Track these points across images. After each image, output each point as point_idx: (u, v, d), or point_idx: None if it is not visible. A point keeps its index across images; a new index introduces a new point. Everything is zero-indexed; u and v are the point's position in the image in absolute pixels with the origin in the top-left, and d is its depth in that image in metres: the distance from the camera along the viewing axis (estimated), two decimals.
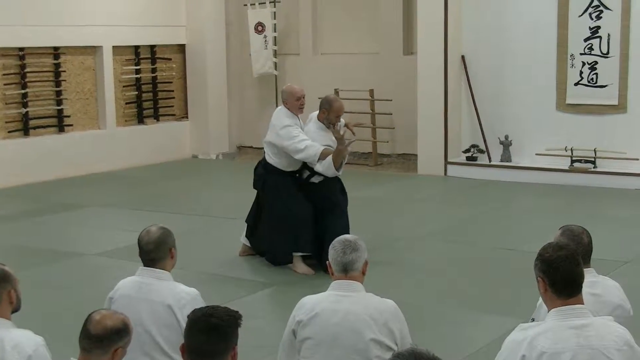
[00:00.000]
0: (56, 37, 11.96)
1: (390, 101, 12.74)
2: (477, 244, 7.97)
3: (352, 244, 3.59)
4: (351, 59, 13.44)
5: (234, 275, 7.03)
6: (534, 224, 8.66)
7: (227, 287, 6.71)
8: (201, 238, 8.34)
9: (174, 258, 3.85)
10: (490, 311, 6.02)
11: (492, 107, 11.61)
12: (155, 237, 3.80)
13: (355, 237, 3.65)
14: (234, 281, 6.88)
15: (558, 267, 3.03)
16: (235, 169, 13.22)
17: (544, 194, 10.32)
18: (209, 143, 13.90)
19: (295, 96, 6.91)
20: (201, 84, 13.82)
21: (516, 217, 9.16)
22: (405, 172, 12.26)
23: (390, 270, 7.02)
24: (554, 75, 11.15)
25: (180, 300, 3.71)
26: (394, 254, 7.55)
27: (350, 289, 3.57)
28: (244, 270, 7.21)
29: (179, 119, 14.00)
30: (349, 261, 3.56)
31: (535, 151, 11.18)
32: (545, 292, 3.08)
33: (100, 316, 2.92)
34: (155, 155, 13.25)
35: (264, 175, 7.17)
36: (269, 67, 13.76)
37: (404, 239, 8.16)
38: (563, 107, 11.16)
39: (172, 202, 10.19)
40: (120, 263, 7.22)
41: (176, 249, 3.87)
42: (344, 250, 3.57)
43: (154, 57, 13.48)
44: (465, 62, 11.78)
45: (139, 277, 3.83)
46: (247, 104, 14.61)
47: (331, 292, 3.60)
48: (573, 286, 3.03)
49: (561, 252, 3.07)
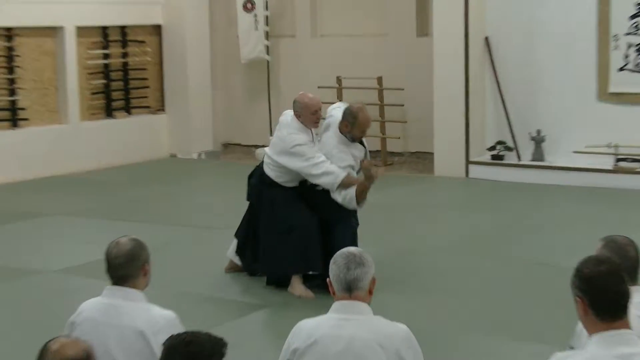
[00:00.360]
0: (8, 16, 11.96)
1: (401, 90, 12.74)
2: (504, 258, 7.95)
3: (357, 258, 3.57)
4: (356, 41, 13.45)
5: (219, 296, 7.02)
6: (571, 234, 8.64)
7: (210, 309, 6.70)
8: (181, 252, 8.33)
9: (147, 275, 3.84)
10: (520, 338, 6.00)
11: (522, 96, 11.61)
12: (125, 250, 3.78)
13: (360, 250, 3.64)
14: (218, 302, 6.86)
15: (599, 284, 3.01)
16: (220, 170, 13.21)
17: (584, 198, 10.31)
18: (190, 140, 13.90)
19: (310, 110, 6.83)
20: (180, 71, 13.83)
21: (550, 227, 9.14)
22: (420, 174, 12.25)
23: (402, 289, 7.00)
24: (594, 59, 11.15)
25: (154, 324, 3.69)
26: (406, 270, 7.54)
27: (355, 311, 3.55)
28: (230, 289, 7.19)
29: (155, 112, 14.00)
30: (353, 279, 3.54)
31: (572, 148, 11.18)
32: (585, 315, 3.06)
33: (59, 345, 2.91)
34: (126, 154, 13.25)
35: (260, 188, 7.13)
36: (259, 52, 13.77)
37: (419, 252, 8.14)
38: (605, 97, 11.16)
39: (146, 210, 10.17)
40: (84, 282, 7.20)
41: (150, 265, 3.86)
42: (348, 265, 3.55)
43: (125, 39, 13.49)
44: (489, 45, 11.78)
45: (106, 298, 3.82)
46: (235, 95, 14.61)
47: (332, 315, 3.58)
48: (617, 307, 3.02)
49: (603, 267, 3.06)
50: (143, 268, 3.82)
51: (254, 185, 7.22)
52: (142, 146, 13.53)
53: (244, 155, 14.03)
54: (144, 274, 3.82)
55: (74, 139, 12.70)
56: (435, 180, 11.76)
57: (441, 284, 7.23)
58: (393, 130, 13.07)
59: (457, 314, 6.52)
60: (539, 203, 10.27)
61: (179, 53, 13.80)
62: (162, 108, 14.07)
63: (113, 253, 3.81)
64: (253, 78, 14.25)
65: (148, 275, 3.85)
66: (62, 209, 10.25)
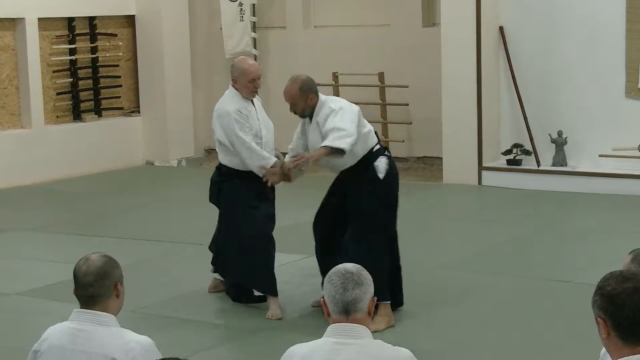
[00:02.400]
0: None
1: (406, 88, 12.77)
2: (521, 275, 7.97)
3: (355, 276, 3.58)
4: (354, 33, 13.47)
5: (199, 319, 7.02)
6: (596, 247, 8.67)
7: (189, 333, 6.70)
8: (157, 270, 8.34)
9: (120, 297, 3.84)
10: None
11: (541, 94, 11.64)
12: (96, 267, 3.79)
13: (358, 266, 3.65)
14: (198, 326, 6.86)
15: (623, 303, 3.02)
16: (202, 180, 13.13)
17: (610, 207, 10.32)
18: (168, 145, 13.91)
19: (248, 77, 6.96)
20: (157, 67, 13.85)
21: (573, 239, 9.16)
22: (427, 181, 12.26)
23: (406, 310, 7.02)
24: (622, 51, 11.19)
25: (128, 351, 3.70)
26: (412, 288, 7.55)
27: (353, 335, 3.56)
28: (212, 311, 7.20)
29: (128, 113, 14.02)
30: (351, 300, 3.55)
31: (598, 152, 11.21)
32: (608, 337, 3.07)
33: None
34: (96, 162, 13.26)
35: (218, 182, 7.22)
36: (245, 45, 13.79)
37: (425, 268, 8.16)
38: (635, 93, 11.20)
39: (118, 224, 10.18)
40: (49, 305, 7.21)
41: (124, 286, 3.87)
42: (345, 285, 3.55)
43: (94, 32, 13.51)
44: (504, 36, 11.82)
45: (74, 322, 3.82)
46: (218, 94, 14.40)
47: (329, 339, 3.59)
48: None
49: (627, 284, 3.06)
50: (115, 288, 3.82)
51: (214, 182, 7.30)
52: (114, 153, 13.53)
53: None
54: (116, 295, 3.82)
55: (38, 145, 12.70)
56: (444, 189, 11.78)
57: (449, 302, 7.24)
58: (397, 133, 13.09)
59: (466, 336, 6.54)
60: (561, 213, 10.29)
61: (155, 47, 13.81)
62: (137, 110, 14.08)
63: (82, 270, 3.81)
64: None
65: (121, 297, 3.86)
66: (24, 223, 10.25)
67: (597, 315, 3.09)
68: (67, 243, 9.34)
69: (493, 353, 6.24)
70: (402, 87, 12.77)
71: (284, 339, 6.21)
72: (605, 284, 3.10)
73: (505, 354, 6.23)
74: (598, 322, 3.09)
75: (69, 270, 3.91)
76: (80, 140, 13.19)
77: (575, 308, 6.81)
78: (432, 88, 12.37)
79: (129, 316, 4.02)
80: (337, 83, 13.24)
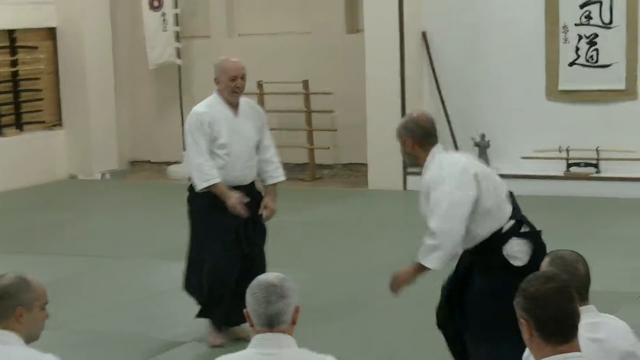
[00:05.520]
0: None
1: (330, 95, 12.78)
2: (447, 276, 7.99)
3: (278, 289, 3.55)
4: (278, 41, 13.46)
5: (129, 332, 6.97)
6: None
7: (114, 349, 6.63)
8: (83, 285, 8.25)
9: (21, 323, 3.76)
10: None
11: (463, 97, 11.73)
12: (1, 286, 3.75)
13: (280, 277, 3.61)
14: (128, 340, 6.80)
15: (545, 304, 3.04)
16: (127, 192, 13.08)
17: (532, 208, 10.31)
18: (92, 158, 13.76)
19: (229, 74, 6.45)
20: (79, 80, 13.69)
21: None
22: (353, 187, 12.29)
23: (332, 317, 7.02)
24: (542, 53, 11.32)
25: None
26: (341, 297, 7.54)
27: (278, 344, 3.54)
28: (141, 324, 7.14)
29: (51, 127, 13.83)
30: (275, 313, 3.53)
31: (520, 154, 11.32)
32: (531, 338, 3.09)
33: None
34: (18, 177, 13.04)
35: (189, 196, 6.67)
36: (169, 55, 13.70)
37: (352, 275, 8.15)
38: (555, 95, 11.33)
39: (42, 240, 10.04)
40: None
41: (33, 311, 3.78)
42: (267, 299, 3.52)
43: (14, 45, 13.31)
44: (427, 41, 11.88)
45: None
46: (142, 105, 14.49)
47: (252, 351, 3.57)
48: (566, 328, 3.06)
49: (550, 284, 3.09)
50: (15, 312, 3.75)
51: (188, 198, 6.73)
52: (36, 167, 13.33)
53: (155, 174, 13.92)
54: (16, 320, 3.76)
55: None
56: (370, 195, 11.80)
57: (378, 310, 7.24)
58: (322, 141, 13.08)
59: (393, 344, 6.54)
60: None
61: (77, 59, 13.64)
62: (59, 123, 13.90)
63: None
64: (163, 85, 14.15)
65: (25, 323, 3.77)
66: None
67: (520, 316, 3.12)
68: None
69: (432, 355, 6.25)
70: (326, 94, 12.78)
71: (210, 352, 6.17)
72: (528, 285, 3.13)
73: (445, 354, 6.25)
74: (521, 323, 3.11)
75: None
76: (2, 155, 12.96)
77: None
78: (356, 94, 12.39)
79: (53, 334, 3.95)
80: (261, 91, 13.21)
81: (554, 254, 3.80)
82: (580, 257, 3.78)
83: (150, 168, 14.24)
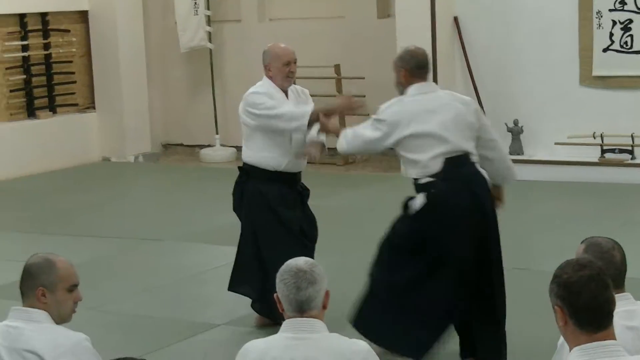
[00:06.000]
0: None
1: (362, 79, 12.75)
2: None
3: (308, 275, 3.56)
4: (309, 25, 13.43)
5: (157, 315, 7.01)
6: (553, 235, 8.70)
7: (147, 330, 6.68)
8: (113, 267, 8.30)
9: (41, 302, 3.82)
10: None
11: (496, 83, 11.68)
12: (28, 264, 3.86)
13: (310, 262, 3.61)
14: (157, 323, 6.84)
15: (580, 291, 3.03)
16: (160, 175, 13.14)
17: (566, 195, 10.38)
18: (125, 141, 13.82)
19: (282, 60, 6.37)
20: (111, 63, 13.73)
21: (530, 227, 9.20)
22: (385, 172, 12.26)
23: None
24: (575, 39, 11.24)
25: (56, 347, 3.70)
26: None
27: (309, 329, 3.55)
28: (169, 307, 7.18)
29: (83, 110, 13.90)
30: (305, 299, 3.54)
31: (553, 140, 11.26)
32: (565, 326, 3.08)
33: None
34: (51, 159, 13.13)
35: (242, 183, 6.44)
36: (200, 39, 13.72)
37: None
38: (589, 81, 11.26)
39: (75, 222, 10.10)
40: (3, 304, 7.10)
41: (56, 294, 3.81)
42: (298, 285, 3.54)
43: (47, 28, 13.37)
44: (459, 26, 11.83)
45: (10, 319, 3.87)
46: (174, 88, 14.54)
47: (284, 335, 3.58)
48: (601, 316, 3.04)
49: (583, 271, 3.08)
50: (36, 291, 3.80)
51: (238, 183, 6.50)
52: (69, 149, 13.41)
53: (187, 157, 13.97)
54: (37, 299, 3.81)
55: None
56: (402, 180, 11.72)
57: None
58: (354, 125, 13.03)
59: None
60: (517, 201, 10.28)
61: (109, 43, 13.69)
62: (92, 105, 13.97)
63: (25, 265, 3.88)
64: (194, 69, 14.18)
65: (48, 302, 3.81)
66: None
67: (554, 303, 3.11)
68: (23, 242, 9.25)
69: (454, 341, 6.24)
70: (358, 79, 12.75)
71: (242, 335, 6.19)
72: (561, 272, 3.12)
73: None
74: (555, 310, 3.10)
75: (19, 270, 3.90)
76: (35, 137, 13.05)
77: (533, 295, 6.80)
78: (388, 79, 12.18)
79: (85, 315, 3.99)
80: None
81: (590, 240, 3.78)
82: (616, 244, 3.76)
83: (182, 151, 14.28)
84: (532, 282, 7.20)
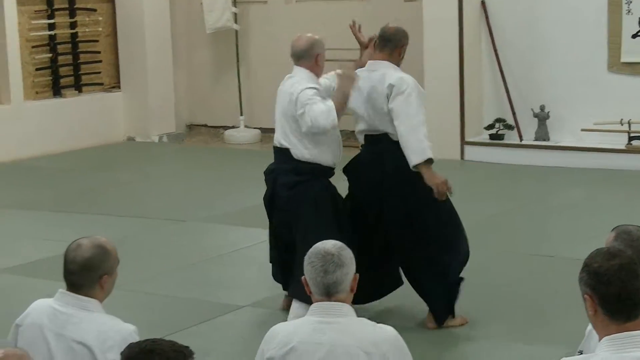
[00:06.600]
0: None
1: None
2: (505, 249, 7.99)
3: (336, 258, 3.57)
4: (336, 7, 13.40)
5: (184, 296, 7.02)
6: (579, 222, 8.68)
7: (174, 311, 6.70)
8: (140, 247, 8.31)
9: (104, 289, 3.81)
10: (523, 340, 6.02)
11: (523, 68, 11.62)
12: (83, 258, 3.74)
13: (338, 245, 3.62)
14: (183, 303, 6.87)
15: (610, 280, 3.03)
16: (184, 155, 13.17)
17: (593, 181, 10.34)
18: (149, 121, 13.85)
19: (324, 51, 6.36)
20: (137, 43, 13.75)
21: (556, 214, 9.18)
22: None
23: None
24: (604, 24, 11.17)
25: (105, 340, 3.66)
26: None
27: (336, 313, 3.56)
28: (196, 288, 7.20)
29: (109, 89, 13.93)
30: (332, 282, 3.55)
31: (580, 126, 11.21)
32: (595, 315, 3.07)
33: None
34: (77, 138, 13.18)
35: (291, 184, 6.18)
36: (226, 20, 13.71)
37: None
38: (617, 67, 11.20)
39: (100, 201, 10.14)
40: (31, 282, 7.13)
41: (113, 276, 3.82)
42: (325, 268, 3.54)
43: (73, 7, 13.40)
44: (486, 10, 11.78)
45: (57, 303, 3.80)
46: (199, 69, 14.55)
47: (311, 319, 3.59)
48: (631, 306, 3.03)
49: (614, 260, 3.07)
50: (100, 281, 3.78)
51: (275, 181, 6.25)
52: (95, 128, 13.46)
53: (211, 138, 13.99)
54: (100, 287, 3.79)
55: (16, 121, 12.60)
56: None
57: None
58: None
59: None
60: (543, 188, 10.29)
61: (135, 23, 13.71)
62: (117, 85, 14.00)
63: (70, 257, 3.78)
64: (220, 50, 14.18)
65: (107, 287, 3.82)
66: (3, 200, 10.17)
67: (584, 292, 3.10)
68: (49, 220, 9.27)
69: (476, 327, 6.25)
70: None
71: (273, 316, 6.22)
72: (592, 261, 3.11)
73: (490, 328, 6.23)
74: (585, 299, 3.10)
75: (51, 247, 3.93)
76: (60, 116, 13.10)
77: (559, 283, 6.82)
78: (414, 62, 12.25)
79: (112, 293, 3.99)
80: None
81: (620, 228, 3.76)
82: None
83: (207, 132, 14.30)
84: (559, 269, 7.21)
